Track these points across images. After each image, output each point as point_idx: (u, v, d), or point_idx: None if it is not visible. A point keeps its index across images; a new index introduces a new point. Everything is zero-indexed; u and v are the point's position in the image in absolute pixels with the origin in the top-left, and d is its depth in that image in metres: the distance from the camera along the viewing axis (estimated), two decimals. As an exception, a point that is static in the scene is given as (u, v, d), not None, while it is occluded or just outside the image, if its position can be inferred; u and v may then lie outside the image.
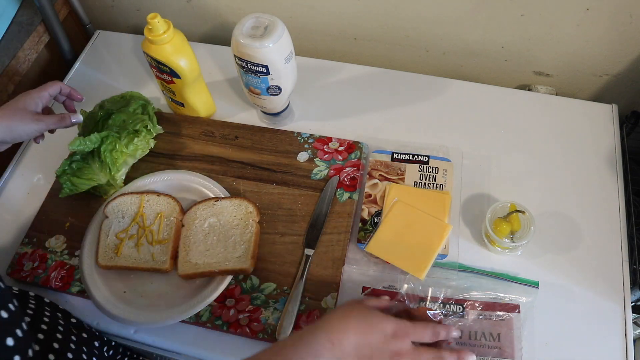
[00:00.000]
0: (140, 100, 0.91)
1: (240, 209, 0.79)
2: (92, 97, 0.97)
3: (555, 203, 0.83)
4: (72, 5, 1.10)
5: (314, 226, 0.79)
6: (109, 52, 1.08)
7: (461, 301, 0.71)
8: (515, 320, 0.70)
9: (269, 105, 0.88)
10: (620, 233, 0.79)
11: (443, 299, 0.71)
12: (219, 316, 0.73)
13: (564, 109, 0.93)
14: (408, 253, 0.76)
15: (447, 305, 0.70)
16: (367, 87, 0.98)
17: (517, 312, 0.70)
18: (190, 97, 0.89)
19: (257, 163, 0.87)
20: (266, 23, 0.77)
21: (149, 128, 0.87)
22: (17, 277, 0.78)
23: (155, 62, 0.82)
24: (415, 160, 0.85)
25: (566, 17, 0.89)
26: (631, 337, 0.71)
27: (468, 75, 1.06)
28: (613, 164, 0.86)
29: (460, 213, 0.82)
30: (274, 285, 0.75)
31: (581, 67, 0.97)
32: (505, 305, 0.71)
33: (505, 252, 0.78)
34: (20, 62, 1.01)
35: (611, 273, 0.76)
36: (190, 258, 0.75)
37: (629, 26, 0.87)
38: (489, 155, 0.88)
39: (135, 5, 1.14)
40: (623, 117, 0.92)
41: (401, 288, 0.70)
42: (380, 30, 1.02)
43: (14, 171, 0.92)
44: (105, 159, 0.82)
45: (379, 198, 0.82)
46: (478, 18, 0.93)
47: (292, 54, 0.80)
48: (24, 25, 1.03)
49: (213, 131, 0.91)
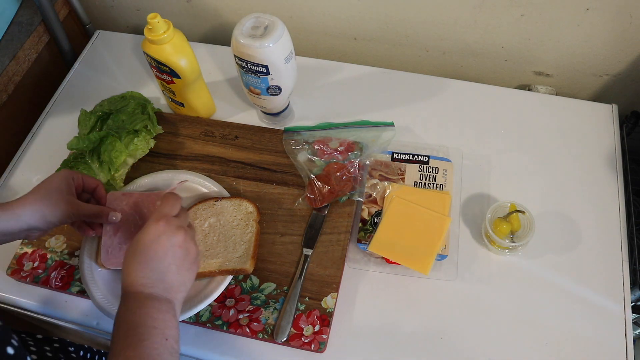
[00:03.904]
0: (140, 100, 0.91)
1: (240, 209, 0.79)
2: (92, 97, 0.97)
3: (555, 203, 0.83)
4: (72, 5, 1.10)
5: (312, 226, 0.79)
6: (109, 52, 1.08)
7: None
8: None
9: (269, 105, 0.88)
10: (620, 233, 0.79)
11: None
12: (219, 316, 0.73)
13: (564, 109, 0.93)
14: (410, 250, 0.76)
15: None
16: (367, 87, 0.98)
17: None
18: (190, 97, 0.89)
19: (257, 163, 0.87)
20: (266, 23, 0.77)
21: (148, 128, 0.87)
22: (17, 277, 0.78)
23: (155, 62, 0.82)
24: (415, 160, 0.85)
25: (566, 17, 0.89)
26: (631, 337, 0.71)
27: (468, 75, 1.06)
28: (613, 164, 0.86)
29: (460, 213, 0.82)
30: (274, 285, 0.75)
31: (581, 67, 0.97)
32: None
33: (505, 252, 0.78)
34: (20, 62, 1.01)
35: (611, 273, 0.76)
36: (190, 258, 0.75)
37: (629, 26, 0.87)
38: (489, 155, 0.88)
39: (135, 5, 1.14)
40: (623, 117, 0.92)
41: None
42: (380, 31, 1.02)
43: (14, 171, 0.92)
44: (105, 159, 0.82)
45: (379, 198, 0.82)
46: (478, 18, 0.93)
47: (292, 54, 0.80)
48: (24, 25, 1.03)
49: (213, 131, 0.91)
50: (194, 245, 0.61)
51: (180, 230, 0.60)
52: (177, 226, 0.60)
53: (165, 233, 0.58)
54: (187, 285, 0.60)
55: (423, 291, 0.76)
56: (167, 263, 0.58)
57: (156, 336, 0.54)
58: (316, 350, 0.70)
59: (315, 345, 0.70)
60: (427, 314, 0.74)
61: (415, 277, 0.77)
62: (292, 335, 0.71)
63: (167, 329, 0.55)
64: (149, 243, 0.58)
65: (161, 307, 0.56)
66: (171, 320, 0.56)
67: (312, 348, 0.70)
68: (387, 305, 0.75)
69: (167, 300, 0.57)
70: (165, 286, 0.58)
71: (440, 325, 0.73)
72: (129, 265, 0.58)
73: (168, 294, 0.58)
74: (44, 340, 0.72)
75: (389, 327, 0.73)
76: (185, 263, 0.60)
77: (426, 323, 0.74)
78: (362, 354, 0.72)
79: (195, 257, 0.62)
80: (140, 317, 0.55)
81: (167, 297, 0.57)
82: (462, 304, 0.75)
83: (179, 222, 0.61)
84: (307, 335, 0.71)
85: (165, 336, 0.54)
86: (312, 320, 0.72)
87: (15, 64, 0.99)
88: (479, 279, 0.77)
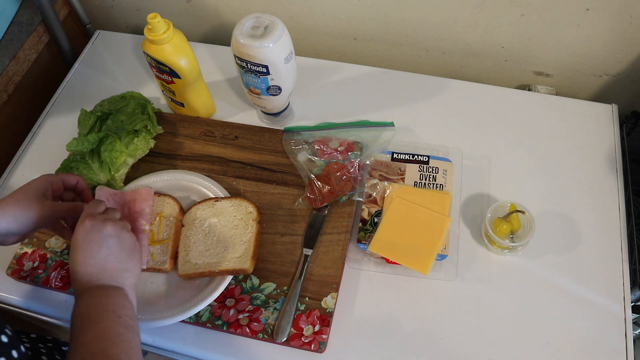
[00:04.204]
0: (140, 100, 0.91)
1: (240, 209, 0.79)
2: (92, 97, 0.97)
3: (555, 203, 0.83)
4: (72, 5, 1.10)
5: (312, 226, 0.79)
6: (109, 52, 1.08)
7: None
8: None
9: (269, 105, 0.88)
10: (620, 233, 0.79)
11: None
12: (219, 316, 0.73)
13: (564, 109, 0.93)
14: (410, 250, 0.76)
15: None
16: (367, 87, 0.98)
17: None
18: (190, 97, 0.89)
19: (257, 163, 0.87)
20: (266, 23, 0.77)
21: (148, 128, 0.87)
22: (17, 277, 0.78)
23: (155, 62, 0.82)
24: (415, 160, 0.85)
25: (566, 17, 0.89)
26: (631, 337, 0.71)
27: (468, 75, 1.06)
28: (613, 164, 0.86)
29: (460, 213, 0.82)
30: (274, 285, 0.75)
31: (581, 67, 0.97)
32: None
33: (505, 252, 0.78)
34: (20, 62, 1.01)
35: (611, 273, 0.76)
36: (190, 258, 0.75)
37: (629, 26, 0.87)
38: (489, 155, 0.88)
39: (135, 5, 1.14)
40: (623, 117, 0.92)
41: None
42: (380, 31, 1.02)
43: (14, 171, 0.92)
44: (105, 159, 0.82)
45: (379, 198, 0.82)
46: (478, 18, 0.93)
47: (292, 54, 0.80)
48: (24, 25, 1.03)
49: (213, 131, 0.91)
50: (126, 232, 0.63)
51: (107, 222, 0.62)
52: (104, 219, 0.62)
53: (93, 228, 0.61)
54: (132, 271, 0.63)
55: (423, 291, 0.76)
56: (104, 254, 0.60)
57: (108, 317, 0.56)
58: (316, 350, 0.70)
59: (315, 345, 0.70)
60: (427, 314, 0.74)
61: (415, 277, 0.77)
62: (292, 335, 0.71)
63: (119, 309, 0.57)
64: (81, 241, 0.60)
65: (110, 293, 0.58)
66: (122, 302, 0.58)
67: (312, 348, 0.70)
68: (387, 306, 0.75)
69: (115, 287, 0.59)
70: (110, 275, 0.60)
71: (440, 325, 0.73)
72: (72, 267, 0.60)
73: (115, 281, 0.60)
74: (38, 338, 0.72)
75: (389, 327, 0.73)
76: (123, 251, 0.62)
77: (426, 323, 0.74)
78: (362, 354, 0.72)
79: (132, 245, 0.64)
80: (90, 306, 0.57)
81: (114, 285, 0.59)
82: (462, 304, 0.75)
83: (105, 216, 0.63)
84: (307, 335, 0.71)
85: (118, 315, 0.56)
86: (312, 320, 0.72)
87: (15, 64, 0.99)
88: (479, 279, 0.77)
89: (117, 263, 0.61)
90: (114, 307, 0.57)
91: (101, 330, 0.54)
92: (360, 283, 0.77)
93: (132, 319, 0.57)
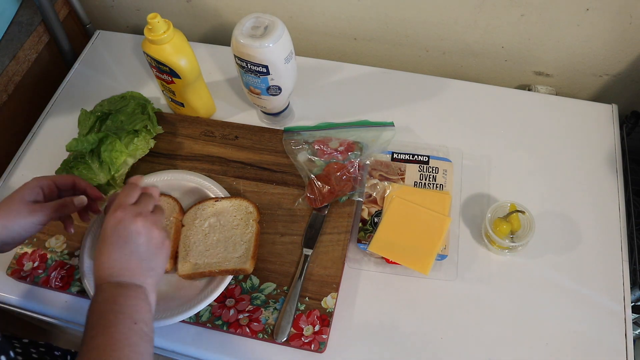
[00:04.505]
0: (140, 100, 0.91)
1: (240, 209, 0.79)
2: (92, 97, 0.97)
3: (555, 203, 0.83)
4: (72, 5, 1.10)
5: (312, 226, 0.79)
6: (109, 52, 1.08)
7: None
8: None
9: (269, 105, 0.88)
10: (620, 233, 0.79)
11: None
12: (219, 316, 0.73)
13: (564, 109, 0.93)
14: (410, 250, 0.76)
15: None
16: (367, 87, 0.98)
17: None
18: (190, 97, 0.89)
19: (257, 163, 0.87)
20: (266, 23, 0.77)
21: (148, 128, 0.87)
22: (17, 277, 0.78)
23: (155, 62, 0.82)
24: (415, 160, 0.85)
25: (566, 17, 0.89)
26: (631, 337, 0.71)
27: (468, 75, 1.06)
28: (613, 164, 0.86)
29: (460, 213, 0.82)
30: (274, 285, 0.75)
31: (581, 67, 0.97)
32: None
33: (505, 252, 0.78)
34: (20, 62, 1.01)
35: (611, 273, 0.76)
36: (190, 258, 0.76)
37: (629, 26, 0.87)
38: (489, 155, 0.88)
39: (135, 5, 1.14)
40: (623, 117, 0.92)
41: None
42: (380, 31, 1.02)
43: (14, 171, 0.92)
44: (105, 159, 0.82)
45: (379, 198, 0.82)
46: (478, 18, 0.93)
47: (292, 54, 0.80)
48: (24, 25, 1.03)
49: (213, 131, 0.91)
50: (156, 229, 0.60)
51: (139, 217, 0.59)
52: (135, 213, 0.59)
53: (122, 222, 0.58)
54: (156, 270, 0.60)
55: (423, 291, 0.76)
56: (129, 250, 0.58)
57: (124, 321, 0.54)
58: (316, 350, 0.70)
59: (315, 345, 0.70)
60: (427, 314, 0.74)
61: (415, 277, 0.77)
62: (292, 335, 0.71)
63: (136, 313, 0.55)
64: (109, 234, 0.58)
65: (129, 294, 0.56)
66: (140, 305, 0.56)
67: (312, 348, 0.70)
68: (387, 305, 0.75)
69: (135, 286, 0.57)
70: (131, 273, 0.58)
71: (440, 325, 0.73)
72: (96, 260, 0.58)
73: (136, 280, 0.58)
74: (30, 343, 0.72)
75: (389, 327, 0.73)
76: (149, 248, 0.59)
77: (426, 323, 0.74)
78: (362, 353, 0.72)
79: (161, 242, 0.61)
80: (107, 305, 0.55)
81: (135, 284, 0.57)
82: (462, 304, 0.75)
83: (138, 209, 0.60)
84: (307, 335, 0.71)
85: (133, 320, 0.54)
86: (312, 320, 0.72)
87: (15, 64, 0.99)
88: (479, 279, 0.77)
89: (141, 261, 0.59)
90: (130, 310, 0.55)
91: (114, 336, 0.52)
92: (360, 283, 0.77)
93: (147, 325, 0.56)
